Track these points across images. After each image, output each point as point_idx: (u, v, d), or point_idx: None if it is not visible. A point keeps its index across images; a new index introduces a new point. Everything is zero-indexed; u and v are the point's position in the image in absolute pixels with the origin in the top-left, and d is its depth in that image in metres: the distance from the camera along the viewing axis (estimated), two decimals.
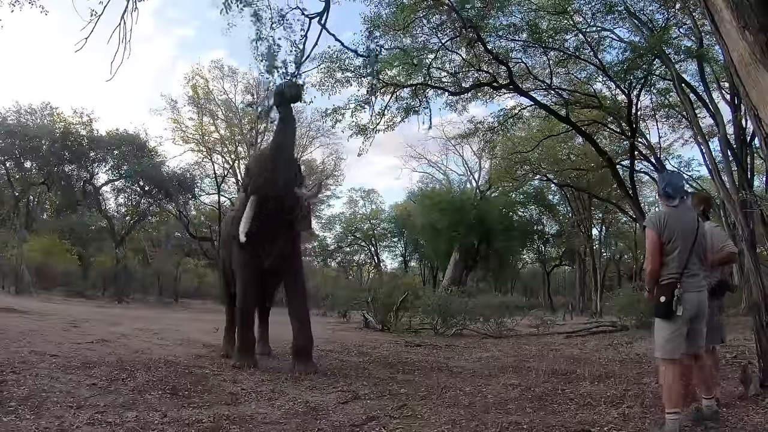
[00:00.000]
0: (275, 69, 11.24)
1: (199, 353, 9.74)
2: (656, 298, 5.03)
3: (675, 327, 4.91)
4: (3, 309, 14.20)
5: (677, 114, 22.43)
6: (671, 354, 4.96)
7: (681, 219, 5.09)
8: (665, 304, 4.90)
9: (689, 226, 5.04)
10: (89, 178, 36.84)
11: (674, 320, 4.89)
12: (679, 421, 4.81)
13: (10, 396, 5.30)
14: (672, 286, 4.90)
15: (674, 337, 4.93)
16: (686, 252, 4.95)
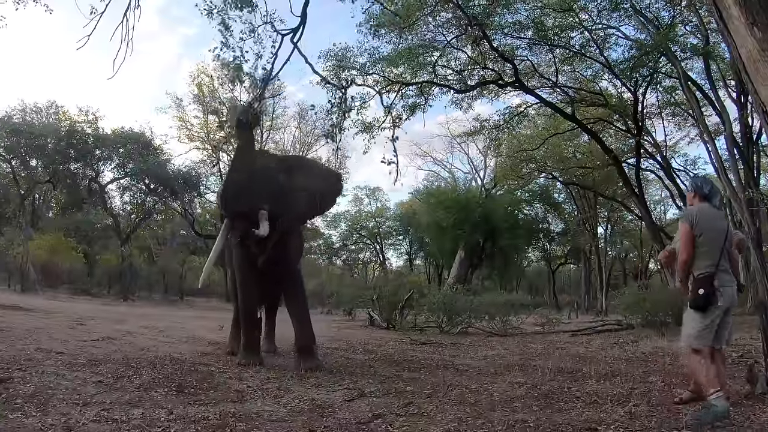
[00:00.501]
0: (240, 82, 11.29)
1: (205, 351, 9.75)
2: (694, 291, 5.13)
3: (709, 319, 5.03)
4: (9, 307, 14.25)
5: (683, 112, 22.41)
6: (702, 343, 5.07)
7: (714, 217, 5.30)
8: (704, 296, 5.02)
9: (721, 225, 5.23)
10: (95, 177, 36.87)
11: (710, 312, 5.01)
12: (725, 398, 4.91)
13: (16, 393, 5.30)
14: (710, 279, 5.02)
15: (707, 328, 5.05)
16: (718, 249, 5.09)
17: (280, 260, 8.51)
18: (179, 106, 40.13)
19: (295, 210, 8.45)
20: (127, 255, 35.18)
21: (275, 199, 8.05)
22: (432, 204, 38.39)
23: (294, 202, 8.41)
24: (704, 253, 5.11)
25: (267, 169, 8.17)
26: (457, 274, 35.21)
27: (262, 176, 7.98)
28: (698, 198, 5.47)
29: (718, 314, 5.01)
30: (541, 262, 51.80)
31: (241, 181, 7.82)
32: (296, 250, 9.31)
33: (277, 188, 8.17)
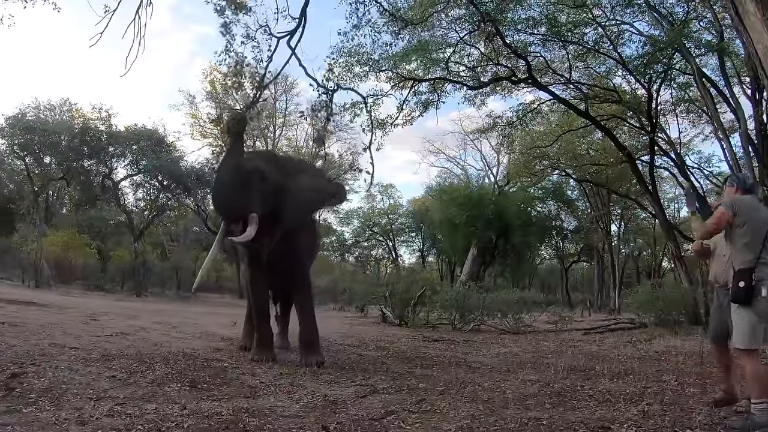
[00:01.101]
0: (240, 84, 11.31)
1: (218, 346, 9.81)
2: (734, 284, 5.02)
3: (756, 316, 4.88)
4: (23, 302, 14.35)
5: (697, 109, 22.20)
6: (754, 344, 4.92)
7: (758, 208, 5.23)
8: (744, 289, 4.90)
9: (763, 218, 5.12)
10: (108, 173, 37.04)
11: (755, 306, 4.86)
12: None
13: (30, 388, 5.34)
14: (749, 272, 4.91)
15: (758, 326, 4.90)
16: (760, 242, 4.98)
17: (286, 256, 8.53)
18: (192, 103, 40.37)
19: (293, 208, 8.40)
20: (141, 251, 35.34)
21: (270, 200, 8.01)
22: (445, 201, 38.31)
23: (294, 201, 8.39)
24: (746, 245, 5.00)
25: (258, 170, 8.08)
26: (470, 271, 35.13)
27: (254, 178, 7.92)
28: (740, 191, 5.39)
29: (763, 311, 4.87)
30: (554, 260, 51.53)
31: (230, 184, 7.78)
32: (306, 247, 9.30)
33: (271, 188, 8.09)
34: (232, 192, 7.68)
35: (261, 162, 8.34)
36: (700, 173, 26.06)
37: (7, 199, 36.62)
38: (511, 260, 41.87)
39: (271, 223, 8.00)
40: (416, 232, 54.08)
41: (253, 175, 7.89)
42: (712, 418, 5.13)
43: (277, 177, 8.23)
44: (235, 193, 7.66)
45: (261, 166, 8.19)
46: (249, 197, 7.72)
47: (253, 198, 7.77)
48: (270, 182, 8.04)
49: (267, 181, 8.00)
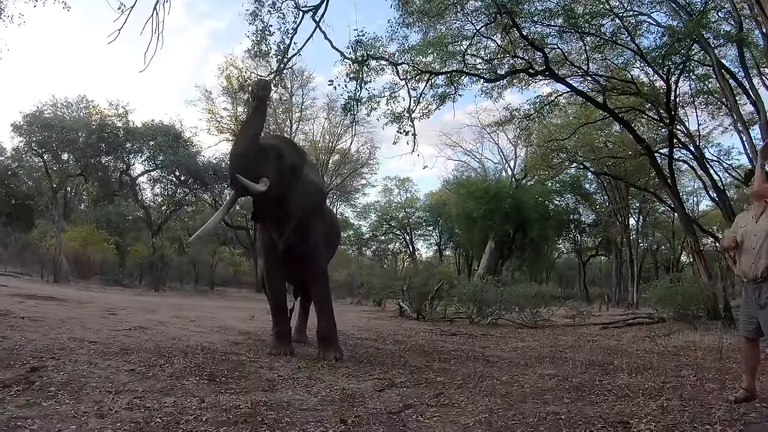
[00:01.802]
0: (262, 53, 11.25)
1: (236, 340, 9.83)
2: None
3: None
4: (42, 297, 14.50)
5: (717, 101, 21.93)
6: None
7: None
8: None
9: None
10: (125, 169, 37.38)
11: None
12: None
13: (50, 381, 5.39)
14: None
15: None
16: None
17: (302, 251, 8.54)
18: (208, 99, 40.55)
19: (306, 196, 8.37)
20: (158, 246, 35.60)
21: (283, 178, 7.98)
22: (462, 194, 38.19)
23: (305, 188, 8.36)
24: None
25: (277, 146, 8.13)
26: (487, 265, 35.05)
27: (271, 150, 7.93)
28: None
29: None
30: (572, 254, 51.38)
31: (248, 146, 7.73)
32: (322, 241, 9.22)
33: (286, 167, 8.07)
34: (249, 154, 7.65)
35: (279, 141, 8.45)
36: (720, 166, 25.80)
37: (25, 196, 37.02)
38: (528, 254, 41.70)
39: (281, 207, 8.03)
40: (433, 226, 54.09)
41: (270, 148, 7.93)
42: (732, 414, 5.08)
43: (294, 158, 8.28)
44: (251, 155, 7.62)
45: (279, 144, 8.28)
46: (264, 163, 7.70)
47: (268, 166, 7.75)
48: (286, 161, 8.05)
49: (283, 159, 8.01)
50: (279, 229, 8.33)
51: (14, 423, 4.11)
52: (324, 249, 9.47)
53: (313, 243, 8.81)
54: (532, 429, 4.74)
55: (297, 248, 8.44)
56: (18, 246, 33.44)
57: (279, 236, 8.34)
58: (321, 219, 9.14)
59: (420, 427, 4.85)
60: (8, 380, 5.22)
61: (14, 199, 36.50)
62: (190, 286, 37.05)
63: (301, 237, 8.40)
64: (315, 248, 8.89)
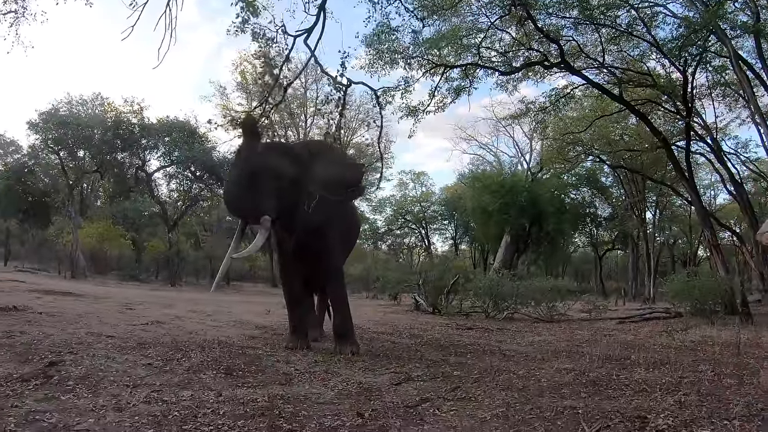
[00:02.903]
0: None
1: (252, 334, 9.90)
2: None
3: None
4: (60, 293, 14.64)
5: (734, 93, 21.72)
6: None
7: None
8: None
9: None
10: (141, 165, 37.59)
11: None
12: None
13: (68, 375, 5.44)
14: None
15: None
16: None
17: (315, 249, 8.54)
18: (223, 94, 40.62)
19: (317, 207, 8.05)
20: (175, 241, 35.81)
21: (286, 197, 7.88)
22: (477, 188, 38.02)
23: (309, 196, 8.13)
24: None
25: (271, 168, 7.86)
26: (503, 259, 34.94)
27: (265, 177, 7.73)
28: None
29: None
30: (588, 248, 51.10)
31: (240, 186, 7.76)
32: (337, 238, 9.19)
33: (286, 185, 7.91)
34: (242, 194, 7.66)
35: (274, 157, 8.10)
36: (737, 159, 25.57)
37: (42, 193, 37.34)
38: (544, 248, 41.49)
39: (292, 220, 8.07)
40: (449, 220, 53.92)
41: (264, 175, 7.71)
42: (750, 409, 5.03)
43: (292, 172, 8.03)
44: (245, 195, 7.61)
45: (273, 162, 7.97)
46: (260, 199, 7.61)
47: (266, 199, 7.65)
48: (284, 179, 7.89)
49: (282, 179, 7.85)
50: (289, 231, 8.38)
51: (33, 416, 4.15)
52: (339, 246, 9.46)
53: (329, 245, 8.81)
54: (549, 423, 4.73)
55: (310, 247, 8.46)
56: (35, 242, 33.85)
57: (289, 237, 8.41)
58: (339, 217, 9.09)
59: (437, 420, 4.86)
60: (27, 374, 5.28)
61: (31, 196, 36.84)
62: (206, 281, 37.16)
63: (314, 236, 8.38)
64: (329, 247, 8.88)
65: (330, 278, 9.14)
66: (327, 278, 9.17)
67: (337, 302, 8.99)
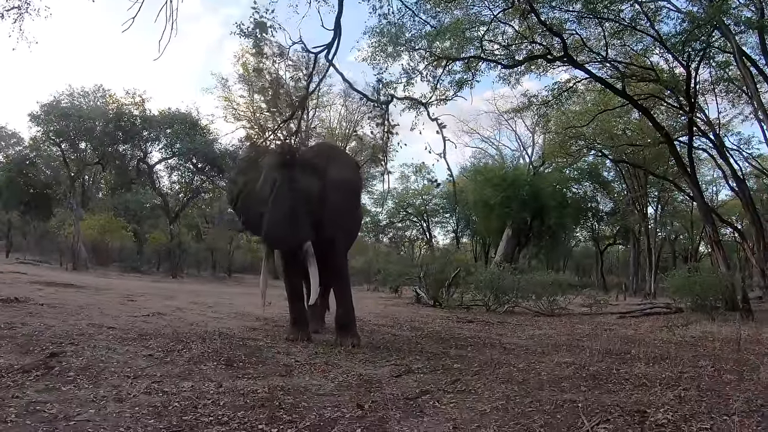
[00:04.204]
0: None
1: (253, 326, 9.97)
2: None
3: None
4: (61, 284, 14.66)
5: (737, 88, 21.62)
6: None
7: None
8: None
9: None
10: (143, 157, 37.56)
11: None
12: None
13: (69, 366, 5.47)
14: None
15: None
16: None
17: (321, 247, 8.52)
18: (225, 86, 40.61)
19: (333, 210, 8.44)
20: (176, 233, 35.83)
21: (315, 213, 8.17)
22: (479, 181, 38.01)
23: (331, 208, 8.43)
24: None
25: (304, 192, 8.14)
26: (504, 252, 34.98)
27: (301, 203, 8.02)
28: None
29: None
30: (589, 242, 51.01)
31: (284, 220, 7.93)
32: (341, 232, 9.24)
33: (314, 204, 8.20)
34: (287, 227, 7.92)
35: (305, 179, 8.29)
36: (740, 155, 25.46)
37: (44, 185, 37.32)
38: (545, 242, 41.54)
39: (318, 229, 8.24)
40: (450, 213, 53.88)
41: (300, 202, 8.00)
42: (750, 405, 5.05)
43: (317, 187, 8.32)
44: (290, 228, 7.92)
45: (305, 185, 8.21)
46: (300, 227, 7.99)
47: (304, 226, 8.01)
48: (313, 197, 8.16)
49: (311, 200, 8.13)
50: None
51: (33, 407, 4.18)
52: (344, 240, 9.56)
53: (334, 243, 8.89)
54: (549, 416, 4.75)
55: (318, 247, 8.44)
56: (37, 234, 33.87)
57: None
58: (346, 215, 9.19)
59: (437, 412, 4.88)
60: (28, 365, 5.31)
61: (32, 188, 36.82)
62: (208, 272, 37.29)
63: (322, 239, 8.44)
64: (335, 247, 9.00)
65: (336, 272, 9.17)
66: (333, 272, 9.15)
67: (341, 295, 9.02)
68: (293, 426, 4.31)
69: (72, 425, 3.90)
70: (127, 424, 4.02)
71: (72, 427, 3.87)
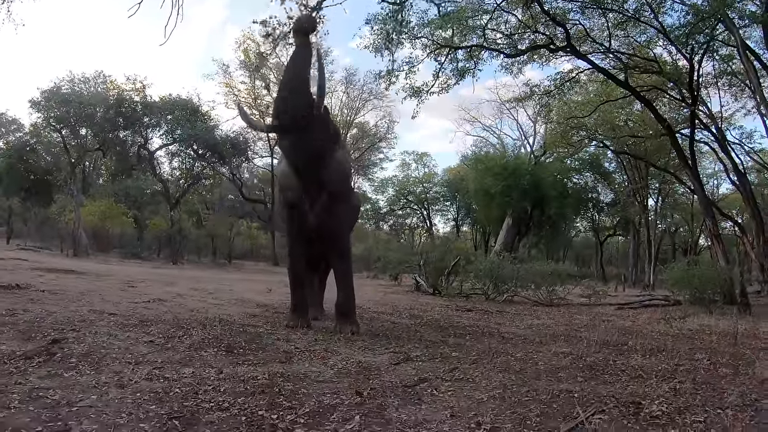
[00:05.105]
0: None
1: (253, 313, 10.00)
2: None
3: None
4: (62, 270, 14.73)
5: (740, 82, 21.58)
6: None
7: None
8: None
9: None
10: (143, 143, 37.66)
11: None
12: None
13: (70, 352, 5.51)
14: None
15: None
16: None
17: (328, 224, 8.59)
18: (226, 72, 40.60)
19: (336, 170, 8.53)
20: (176, 220, 35.91)
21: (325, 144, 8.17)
22: (480, 170, 38.06)
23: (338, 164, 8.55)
24: None
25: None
26: (504, 241, 35.09)
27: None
28: None
29: None
30: (589, 233, 51.10)
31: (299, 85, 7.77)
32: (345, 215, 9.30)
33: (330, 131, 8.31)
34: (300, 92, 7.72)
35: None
36: (741, 149, 25.44)
37: (44, 171, 37.48)
38: (546, 231, 41.64)
39: (319, 187, 8.29)
40: (451, 202, 53.97)
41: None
42: (744, 399, 5.10)
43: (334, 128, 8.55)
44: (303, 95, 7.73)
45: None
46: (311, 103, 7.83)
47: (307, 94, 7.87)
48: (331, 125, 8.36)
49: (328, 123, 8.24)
50: (311, 199, 8.43)
51: (36, 393, 4.21)
52: (347, 225, 9.66)
53: (340, 221, 8.94)
54: (545, 406, 4.80)
55: (325, 224, 8.51)
56: (37, 220, 33.97)
57: (311, 206, 8.44)
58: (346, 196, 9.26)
59: (434, 400, 4.92)
60: (30, 352, 5.34)
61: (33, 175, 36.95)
62: (208, 259, 37.38)
63: (328, 214, 8.49)
64: (341, 224, 9.05)
65: (339, 256, 9.18)
66: (339, 257, 9.19)
67: (343, 281, 8.99)
68: (293, 412, 4.34)
69: (74, 411, 3.93)
70: (129, 410, 4.05)
71: (74, 412, 3.90)
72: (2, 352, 5.31)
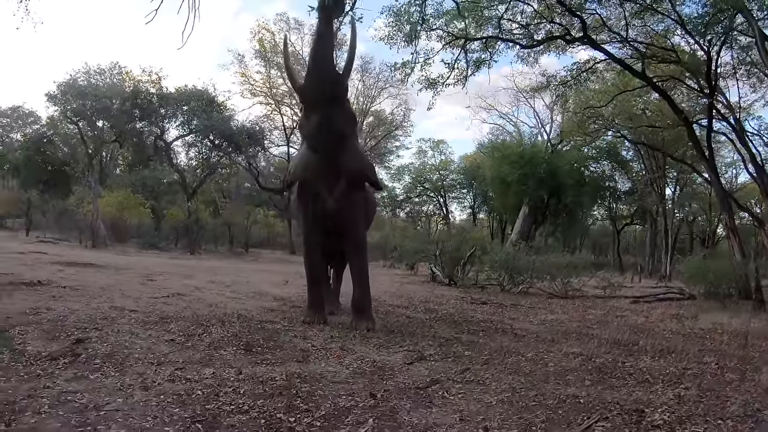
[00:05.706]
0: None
1: (271, 307, 10.22)
2: None
3: None
4: (81, 264, 15.03)
5: (759, 72, 21.36)
6: None
7: None
8: None
9: None
10: (160, 134, 37.87)
11: None
12: None
13: (95, 353, 5.73)
14: None
15: None
16: None
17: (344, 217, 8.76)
18: (241, 62, 40.77)
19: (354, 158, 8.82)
20: (194, 209, 36.19)
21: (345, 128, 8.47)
22: (497, 158, 38.02)
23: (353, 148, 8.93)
24: None
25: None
26: (521, 230, 35.08)
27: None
28: None
29: None
30: (606, 221, 50.84)
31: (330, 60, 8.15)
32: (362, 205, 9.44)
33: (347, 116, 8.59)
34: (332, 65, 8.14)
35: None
36: (760, 140, 25.19)
37: (62, 163, 37.95)
38: (562, 220, 41.47)
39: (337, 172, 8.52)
40: (467, 189, 53.93)
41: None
42: (746, 408, 5.14)
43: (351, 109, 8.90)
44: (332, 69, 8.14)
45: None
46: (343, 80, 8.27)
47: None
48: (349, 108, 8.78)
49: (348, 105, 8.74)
50: (329, 185, 8.61)
51: (65, 397, 4.41)
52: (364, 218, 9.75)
53: (356, 210, 9.08)
54: (550, 411, 4.93)
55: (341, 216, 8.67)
56: (56, 212, 34.32)
57: (329, 191, 8.61)
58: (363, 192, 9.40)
59: (445, 403, 5.08)
60: (55, 353, 5.57)
61: (51, 167, 37.45)
62: (225, 248, 37.63)
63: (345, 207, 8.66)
64: (357, 216, 9.18)
65: (356, 249, 9.30)
66: (355, 251, 9.31)
67: (359, 275, 9.11)
68: (309, 415, 4.52)
69: (102, 415, 4.11)
70: (154, 413, 4.24)
71: (102, 416, 4.08)
72: (29, 353, 5.54)
